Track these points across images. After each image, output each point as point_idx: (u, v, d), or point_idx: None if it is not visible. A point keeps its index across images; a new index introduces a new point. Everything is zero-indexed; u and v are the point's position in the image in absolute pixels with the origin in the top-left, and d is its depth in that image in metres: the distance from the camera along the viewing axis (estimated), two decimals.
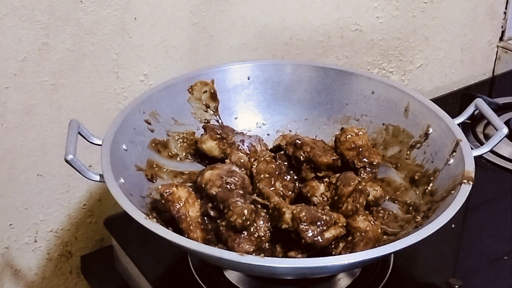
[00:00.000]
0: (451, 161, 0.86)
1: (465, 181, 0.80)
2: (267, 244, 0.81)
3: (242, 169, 0.90)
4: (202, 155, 0.95)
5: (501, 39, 1.51)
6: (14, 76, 0.94)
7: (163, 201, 0.81)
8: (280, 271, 0.75)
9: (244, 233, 0.80)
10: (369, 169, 0.90)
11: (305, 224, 0.77)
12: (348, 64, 1.28)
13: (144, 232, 0.73)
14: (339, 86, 1.01)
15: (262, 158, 0.91)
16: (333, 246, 0.79)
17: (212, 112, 0.99)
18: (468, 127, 1.22)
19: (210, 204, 0.84)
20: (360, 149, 0.90)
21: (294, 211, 0.78)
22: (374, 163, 0.90)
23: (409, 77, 1.39)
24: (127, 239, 0.97)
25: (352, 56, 1.28)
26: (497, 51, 1.52)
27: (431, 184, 0.87)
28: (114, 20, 0.99)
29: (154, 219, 0.77)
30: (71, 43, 0.97)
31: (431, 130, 0.92)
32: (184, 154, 0.96)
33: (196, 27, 1.07)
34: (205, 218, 0.84)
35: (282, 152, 0.93)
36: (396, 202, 0.90)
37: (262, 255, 0.78)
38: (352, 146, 0.90)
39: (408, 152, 0.94)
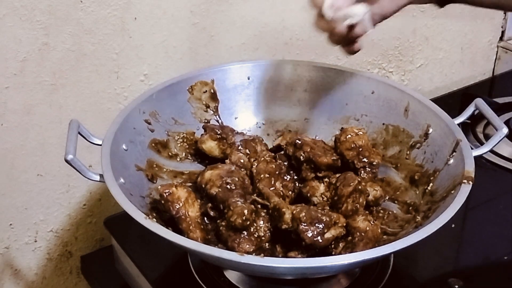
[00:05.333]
0: (451, 161, 0.86)
1: (465, 181, 0.80)
2: (267, 244, 0.81)
3: (242, 169, 0.90)
4: (202, 155, 0.95)
5: (501, 39, 1.52)
6: (14, 76, 0.94)
7: (162, 201, 0.81)
8: (280, 271, 0.75)
9: (244, 233, 0.80)
10: (369, 169, 0.90)
11: (305, 224, 0.77)
12: (348, 64, 1.28)
13: (144, 232, 0.73)
14: (339, 86, 1.01)
15: (262, 158, 0.91)
16: (333, 246, 0.79)
17: (212, 112, 0.99)
18: (468, 127, 1.22)
19: (210, 204, 0.84)
20: (360, 149, 0.90)
21: (294, 211, 0.78)
22: (374, 163, 0.90)
23: (409, 77, 1.40)
24: (127, 239, 0.97)
25: (352, 56, 1.28)
26: (497, 51, 1.52)
27: (431, 184, 0.87)
28: (114, 20, 0.99)
29: (154, 219, 0.77)
30: (71, 43, 0.97)
31: (431, 130, 0.92)
32: (184, 154, 0.96)
33: (196, 27, 1.07)
34: (205, 218, 0.84)
35: (282, 152, 0.93)
36: (396, 202, 0.90)
37: (262, 255, 0.78)
38: (352, 146, 0.90)
39: (408, 152, 0.94)
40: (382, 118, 0.98)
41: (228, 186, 0.84)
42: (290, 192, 0.89)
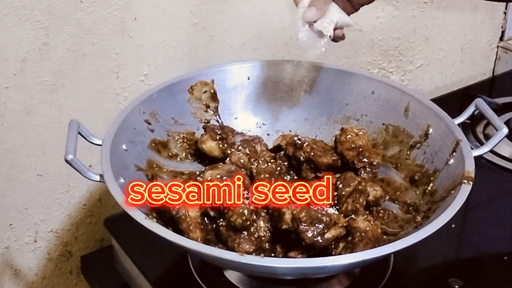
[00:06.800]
0: (451, 161, 0.86)
1: (465, 181, 0.80)
2: (267, 244, 0.81)
3: (242, 169, 0.90)
4: (202, 155, 0.95)
5: (501, 39, 1.52)
6: (14, 76, 0.94)
7: None
8: (280, 271, 0.75)
9: (244, 233, 0.80)
10: (369, 169, 0.90)
11: (305, 224, 0.77)
12: (348, 64, 1.28)
13: (144, 232, 0.73)
14: (339, 86, 1.01)
15: (262, 158, 0.91)
16: (333, 246, 0.79)
17: (212, 112, 0.99)
18: (468, 127, 1.22)
19: None
20: (360, 149, 0.90)
21: (294, 211, 0.78)
22: (374, 163, 0.90)
23: (409, 77, 1.40)
24: (127, 239, 0.97)
25: (352, 56, 1.28)
26: (497, 51, 1.52)
27: (431, 184, 0.87)
28: (114, 20, 0.99)
29: (154, 219, 0.77)
30: (71, 43, 0.97)
31: (431, 130, 0.92)
32: (184, 154, 0.96)
33: (196, 27, 1.07)
34: (205, 218, 0.84)
35: (282, 152, 0.93)
36: (396, 202, 0.90)
37: (262, 255, 0.78)
38: (352, 146, 0.90)
39: (408, 152, 0.94)
40: (382, 118, 0.98)
41: None
42: None
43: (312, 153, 0.88)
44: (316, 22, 0.85)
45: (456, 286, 0.87)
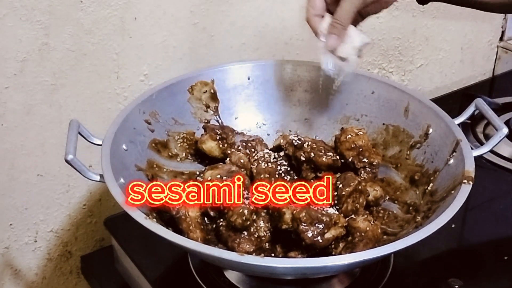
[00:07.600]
0: (451, 161, 0.86)
1: (465, 181, 0.80)
2: (267, 244, 0.81)
3: (242, 169, 0.90)
4: (202, 155, 0.95)
5: (501, 39, 1.52)
6: (14, 76, 0.94)
7: None
8: (280, 271, 0.75)
9: (244, 233, 0.80)
10: (369, 169, 0.90)
11: (305, 224, 0.77)
12: None
13: (144, 232, 0.73)
14: (339, 86, 1.01)
15: (262, 158, 0.91)
16: (333, 246, 0.79)
17: (212, 112, 0.99)
18: (468, 127, 1.22)
19: None
20: (360, 149, 0.90)
21: (294, 211, 0.78)
22: (374, 163, 0.90)
23: (409, 77, 1.40)
24: (127, 239, 0.97)
25: None
26: (497, 51, 1.52)
27: (431, 184, 0.87)
28: (114, 20, 0.99)
29: (154, 219, 0.77)
30: (71, 43, 0.97)
31: (431, 130, 0.92)
32: (184, 154, 0.96)
33: (196, 27, 1.07)
34: (205, 218, 0.84)
35: (282, 152, 0.93)
36: (396, 202, 0.90)
37: (262, 255, 0.78)
38: (352, 146, 0.90)
39: (408, 152, 0.94)
40: (382, 118, 0.98)
41: None
42: None
43: (312, 153, 0.88)
44: (338, 48, 0.85)
45: (456, 286, 0.87)
